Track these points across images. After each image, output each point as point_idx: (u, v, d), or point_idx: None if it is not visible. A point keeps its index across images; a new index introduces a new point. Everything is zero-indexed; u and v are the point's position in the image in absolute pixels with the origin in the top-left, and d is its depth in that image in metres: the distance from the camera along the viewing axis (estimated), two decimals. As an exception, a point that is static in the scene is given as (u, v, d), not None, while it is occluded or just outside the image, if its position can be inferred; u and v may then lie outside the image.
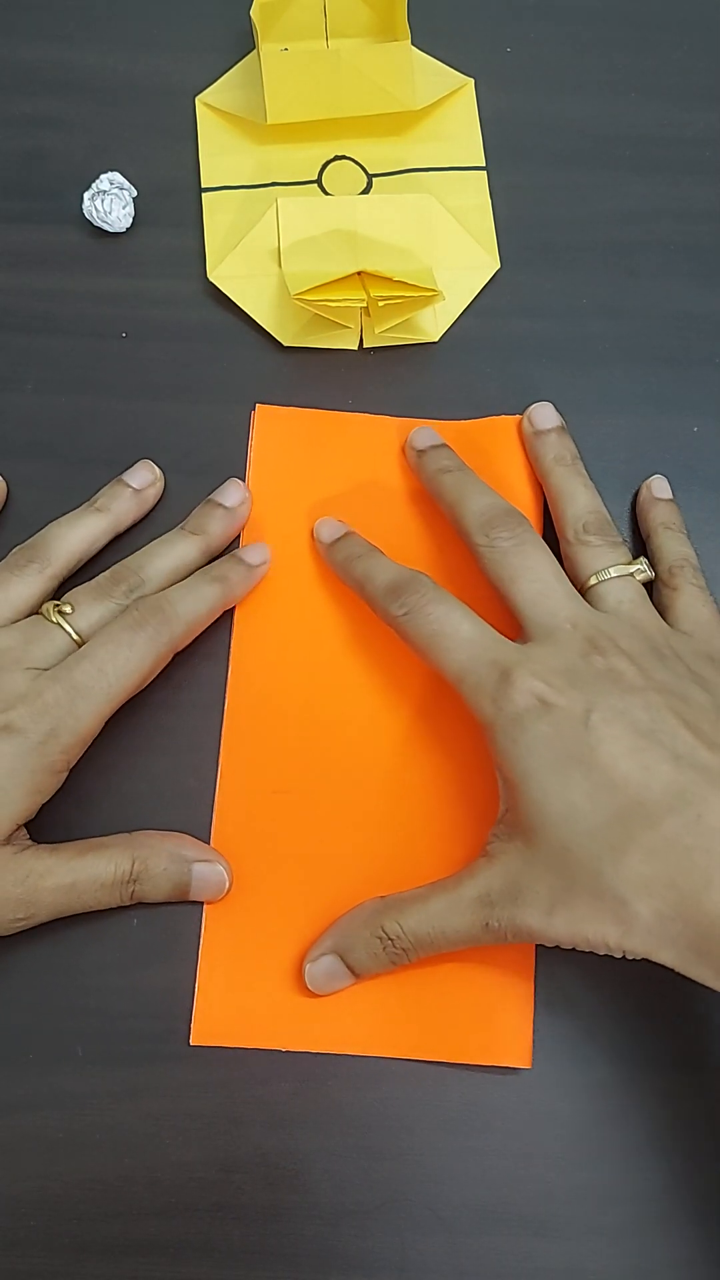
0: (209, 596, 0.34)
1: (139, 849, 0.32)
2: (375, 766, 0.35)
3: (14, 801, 0.30)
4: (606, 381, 0.39)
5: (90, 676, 0.31)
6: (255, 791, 0.35)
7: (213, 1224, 0.32)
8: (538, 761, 0.29)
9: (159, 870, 0.32)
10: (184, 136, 0.41)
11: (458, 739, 0.35)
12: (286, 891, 0.34)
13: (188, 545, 0.35)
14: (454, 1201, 0.32)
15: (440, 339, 0.40)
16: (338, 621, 0.36)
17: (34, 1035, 0.33)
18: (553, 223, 0.41)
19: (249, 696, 0.36)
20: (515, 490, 0.37)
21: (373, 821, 0.35)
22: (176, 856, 0.33)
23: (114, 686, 0.31)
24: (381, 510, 0.37)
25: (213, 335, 0.39)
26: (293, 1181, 0.32)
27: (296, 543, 0.37)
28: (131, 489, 0.36)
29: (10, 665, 0.31)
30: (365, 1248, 0.32)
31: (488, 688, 0.30)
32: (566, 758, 0.29)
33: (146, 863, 0.32)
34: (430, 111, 0.41)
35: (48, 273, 0.40)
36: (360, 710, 0.35)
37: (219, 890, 0.33)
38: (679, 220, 0.41)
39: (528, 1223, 0.32)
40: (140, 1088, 0.33)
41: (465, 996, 0.33)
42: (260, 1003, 0.33)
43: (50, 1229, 0.32)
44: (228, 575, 0.35)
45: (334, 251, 0.39)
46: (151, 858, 0.32)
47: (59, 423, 0.38)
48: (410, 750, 0.35)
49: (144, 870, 0.32)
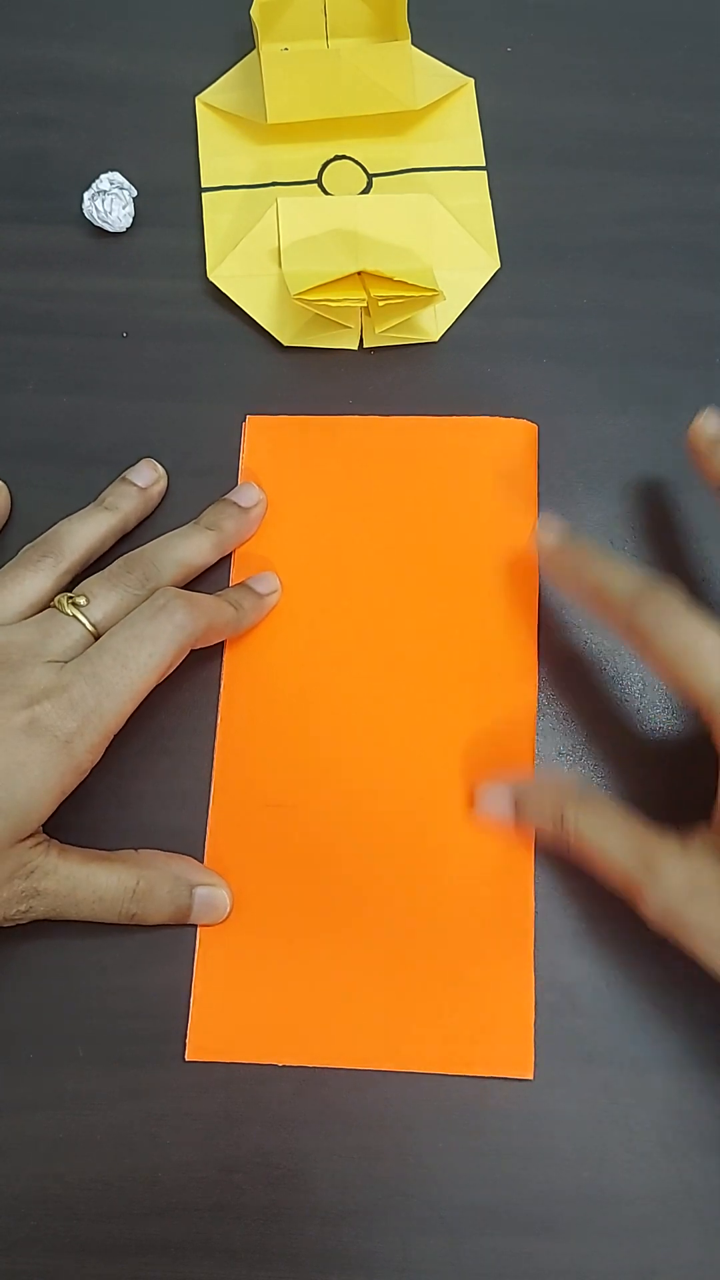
0: (227, 611, 0.34)
1: (145, 869, 0.32)
2: (371, 779, 0.35)
3: (41, 805, 0.30)
4: (606, 381, 0.39)
5: (113, 671, 0.30)
6: (249, 804, 0.35)
7: (213, 1224, 0.32)
8: None
9: (163, 893, 0.32)
10: (184, 136, 0.41)
11: (455, 750, 0.35)
12: (281, 904, 0.34)
13: (201, 539, 0.35)
14: (456, 1202, 0.32)
15: (440, 339, 0.40)
16: (333, 634, 0.36)
17: (34, 1035, 0.33)
18: (553, 223, 0.41)
19: (242, 711, 0.35)
20: (516, 496, 0.37)
21: (368, 834, 0.34)
22: (180, 880, 0.32)
23: (137, 680, 0.30)
24: (377, 514, 0.37)
25: (213, 335, 0.39)
26: (293, 1181, 0.32)
27: (291, 553, 0.37)
28: (137, 487, 0.36)
29: (31, 659, 0.31)
30: (366, 1248, 0.32)
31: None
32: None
33: (151, 883, 0.32)
34: (430, 111, 0.42)
35: (48, 273, 0.40)
36: (355, 723, 0.35)
37: (220, 915, 0.33)
38: (679, 220, 0.41)
39: (530, 1223, 0.32)
40: (140, 1088, 0.32)
41: (465, 1008, 0.33)
42: (256, 1017, 0.33)
43: (50, 1229, 0.31)
44: (241, 602, 0.35)
45: (334, 251, 0.39)
46: (157, 880, 0.32)
47: (59, 423, 0.38)
48: (407, 762, 0.35)
49: (148, 891, 0.32)
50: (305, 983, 0.33)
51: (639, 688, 0.36)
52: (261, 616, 0.36)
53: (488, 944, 0.33)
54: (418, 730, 0.35)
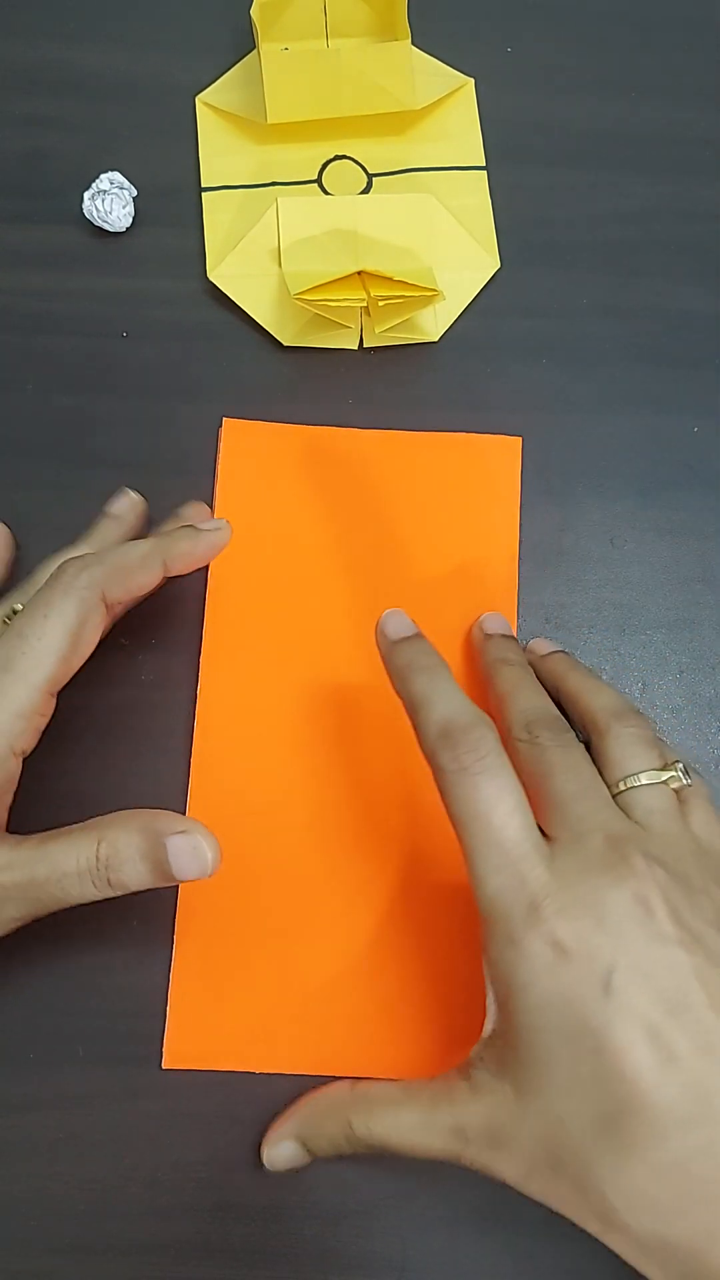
0: (141, 547, 0.31)
1: (105, 830, 0.28)
2: (349, 786, 0.35)
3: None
4: (606, 381, 0.39)
5: (11, 647, 0.28)
6: (226, 810, 0.34)
7: (213, 1224, 0.32)
8: (546, 1021, 0.25)
9: (130, 850, 0.28)
10: (184, 136, 0.41)
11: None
12: (260, 909, 0.33)
13: (149, 555, 0.32)
14: (455, 1201, 0.32)
15: (440, 339, 0.39)
16: (309, 641, 0.36)
17: (34, 1035, 0.33)
18: (553, 223, 0.41)
19: (218, 721, 0.35)
20: (498, 513, 0.37)
21: (348, 840, 0.34)
22: (149, 831, 0.28)
23: (42, 654, 0.28)
24: (353, 525, 0.37)
25: (213, 335, 0.39)
26: (293, 1181, 0.32)
27: (264, 561, 0.36)
28: (113, 517, 0.36)
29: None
30: (366, 1248, 0.32)
31: (513, 916, 0.26)
32: (579, 1027, 0.25)
33: (115, 844, 0.28)
34: (430, 111, 0.41)
35: (48, 273, 0.40)
36: (331, 732, 0.35)
37: (206, 865, 0.28)
38: (679, 220, 0.41)
39: (529, 1223, 0.32)
40: (140, 1088, 0.32)
41: (451, 1011, 0.33)
42: (234, 1025, 0.33)
43: (50, 1229, 0.32)
44: (167, 534, 0.32)
45: (334, 251, 0.39)
46: (120, 837, 0.28)
47: (59, 423, 0.38)
48: (386, 770, 0.35)
49: (112, 853, 0.28)
50: (284, 989, 0.33)
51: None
52: (200, 551, 0.32)
53: (473, 947, 0.33)
54: (396, 741, 0.35)
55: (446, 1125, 0.27)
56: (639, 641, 0.37)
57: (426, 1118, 0.27)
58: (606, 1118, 0.24)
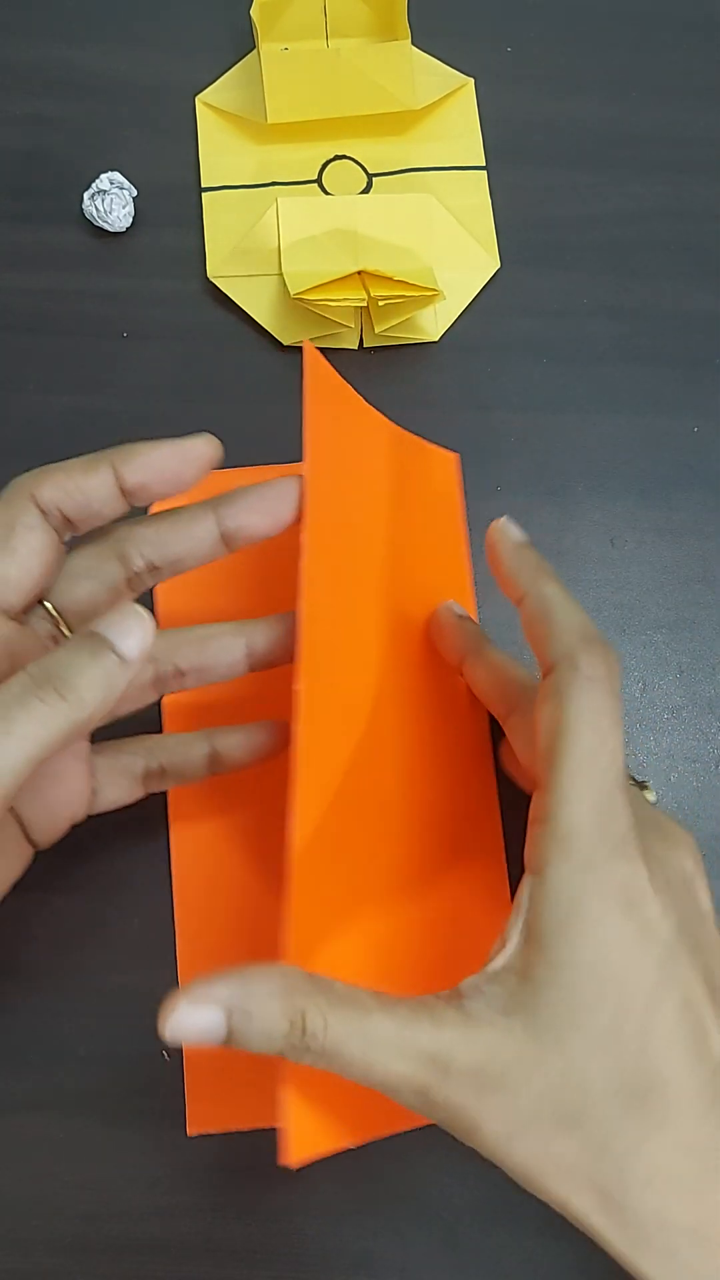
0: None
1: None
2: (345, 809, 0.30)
3: None
4: (607, 381, 0.39)
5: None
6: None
7: (213, 1224, 0.32)
8: (602, 963, 0.23)
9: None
10: (184, 136, 0.41)
11: (411, 796, 0.31)
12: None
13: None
14: (457, 1200, 0.32)
15: (440, 339, 0.40)
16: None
17: (34, 1035, 0.33)
18: (553, 223, 0.41)
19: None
20: (446, 525, 0.36)
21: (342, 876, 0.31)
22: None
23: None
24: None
25: (213, 335, 0.39)
26: (294, 1180, 0.32)
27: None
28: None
29: None
30: (367, 1247, 0.32)
31: (603, 841, 0.24)
32: (637, 981, 0.23)
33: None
34: (430, 111, 0.42)
35: (48, 273, 0.40)
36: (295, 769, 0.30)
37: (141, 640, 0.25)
38: (679, 220, 0.41)
39: (532, 1222, 0.32)
40: (140, 1087, 0.32)
41: None
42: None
43: (50, 1229, 0.31)
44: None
45: (334, 251, 0.39)
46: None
47: (59, 423, 0.38)
48: (390, 783, 0.31)
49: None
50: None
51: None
52: (163, 460, 0.29)
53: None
54: (396, 741, 0.31)
55: (423, 1048, 0.22)
56: (639, 641, 0.37)
57: (399, 1033, 0.23)
58: (638, 1084, 0.23)
